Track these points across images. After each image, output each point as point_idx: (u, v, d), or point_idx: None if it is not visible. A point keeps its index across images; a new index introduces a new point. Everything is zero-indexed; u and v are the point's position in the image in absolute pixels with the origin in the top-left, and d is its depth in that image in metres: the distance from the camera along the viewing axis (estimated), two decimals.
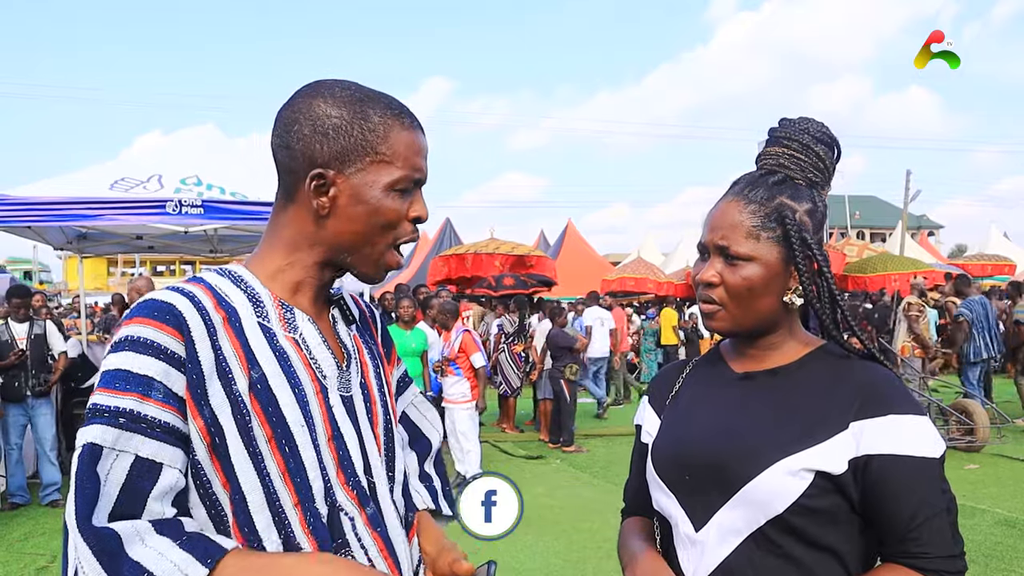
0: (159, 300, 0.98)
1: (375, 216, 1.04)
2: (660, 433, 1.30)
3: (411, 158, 1.05)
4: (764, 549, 1.13)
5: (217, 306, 1.01)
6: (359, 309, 1.25)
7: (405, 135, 1.05)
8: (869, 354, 1.22)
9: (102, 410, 0.92)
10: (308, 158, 1.02)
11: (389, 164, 1.03)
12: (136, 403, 0.92)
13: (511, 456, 8.04)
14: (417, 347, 6.95)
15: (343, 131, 1.02)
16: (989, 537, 4.94)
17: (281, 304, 1.06)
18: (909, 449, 1.09)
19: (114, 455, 0.90)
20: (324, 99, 1.03)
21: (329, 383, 1.06)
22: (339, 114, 1.02)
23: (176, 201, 5.98)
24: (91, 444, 0.90)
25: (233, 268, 1.09)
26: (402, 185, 1.04)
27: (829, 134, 1.24)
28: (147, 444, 0.91)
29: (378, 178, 1.03)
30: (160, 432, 0.92)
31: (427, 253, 18.61)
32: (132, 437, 0.91)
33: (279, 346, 1.03)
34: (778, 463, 1.11)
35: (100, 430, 0.90)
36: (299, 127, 1.03)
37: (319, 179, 1.02)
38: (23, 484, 6.21)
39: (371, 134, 1.02)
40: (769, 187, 1.20)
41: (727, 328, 1.23)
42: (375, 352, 1.20)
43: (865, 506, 1.11)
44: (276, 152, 1.06)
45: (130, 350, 0.93)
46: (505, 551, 4.84)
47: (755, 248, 1.17)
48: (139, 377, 0.92)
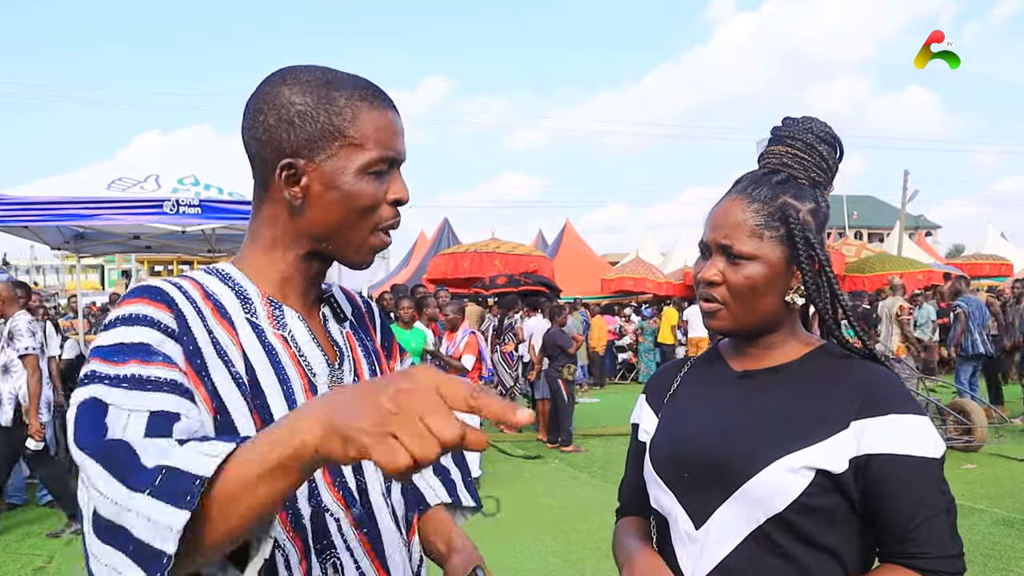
0: (146, 285, 0.97)
1: (351, 201, 1.00)
2: (658, 431, 1.30)
3: (383, 139, 1.01)
4: (764, 548, 1.13)
5: (205, 298, 0.99)
6: (354, 305, 1.22)
7: (375, 115, 1.01)
8: (870, 354, 1.22)
9: (101, 376, 0.85)
10: (276, 148, 0.99)
11: (360, 147, 0.99)
12: (138, 368, 0.86)
13: (509, 456, 8.03)
14: (417, 347, 6.95)
15: (309, 117, 0.98)
16: (987, 537, 4.94)
17: (270, 301, 1.04)
18: (909, 449, 1.08)
19: (125, 414, 0.81)
20: (288, 86, 1.00)
21: (319, 381, 1.04)
22: (303, 100, 0.99)
23: (173, 201, 5.97)
24: (94, 398, 0.82)
25: (220, 266, 1.07)
26: (375, 167, 1.01)
27: (832, 134, 1.24)
28: (158, 398, 0.84)
29: (349, 162, 0.99)
30: (169, 389, 0.86)
31: (425, 253, 18.62)
32: (142, 395, 0.83)
33: (268, 343, 1.01)
34: (779, 460, 1.11)
35: (103, 389, 0.83)
36: (264, 117, 1.00)
37: (289, 169, 0.99)
38: (21, 484, 6.20)
39: (338, 117, 0.99)
40: (773, 186, 1.20)
41: (728, 327, 1.22)
42: (371, 349, 1.18)
43: (865, 506, 1.11)
44: (246, 144, 1.04)
45: (122, 325, 0.90)
46: (503, 550, 4.84)
47: (758, 247, 1.17)
48: (136, 345, 0.88)
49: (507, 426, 3.63)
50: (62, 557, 4.98)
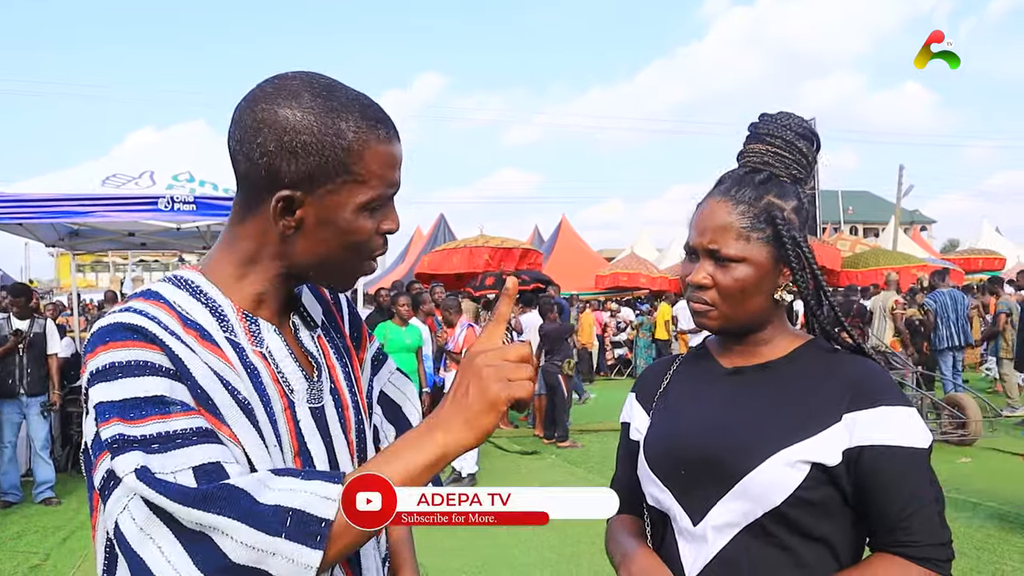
0: (123, 322, 0.90)
1: (344, 237, 0.97)
2: (652, 429, 1.30)
3: (386, 174, 0.97)
4: (760, 540, 1.14)
5: (185, 327, 0.94)
6: (321, 302, 1.18)
7: (381, 150, 0.96)
8: (857, 348, 1.23)
9: (130, 440, 0.83)
10: (272, 176, 0.93)
11: (363, 184, 0.95)
12: (160, 424, 0.84)
13: (506, 452, 8.04)
14: (412, 343, 6.95)
15: (313, 149, 0.92)
16: (980, 530, 4.97)
17: (245, 316, 1.00)
18: (899, 440, 1.10)
19: (171, 476, 0.82)
20: (291, 107, 0.92)
21: (297, 397, 1.02)
22: (308, 129, 0.92)
23: (168, 197, 5.96)
24: (142, 466, 0.81)
25: (188, 276, 1.01)
26: (375, 204, 0.97)
27: (810, 128, 1.26)
28: (194, 452, 0.84)
29: (350, 199, 0.95)
30: (198, 439, 0.85)
31: (421, 249, 18.59)
32: (177, 453, 0.83)
33: (249, 362, 0.98)
34: (775, 455, 1.12)
35: (141, 456, 0.82)
36: (263, 140, 0.93)
37: (285, 201, 0.94)
38: (16, 482, 6.20)
39: (343, 152, 0.93)
40: (756, 186, 1.20)
41: (719, 326, 1.23)
42: (342, 348, 1.15)
43: (857, 497, 1.12)
44: (236, 159, 0.97)
45: (125, 375, 0.86)
46: (499, 545, 4.85)
47: (746, 249, 1.18)
48: (151, 399, 0.85)
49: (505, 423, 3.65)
50: (58, 555, 4.97)
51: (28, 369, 6.15)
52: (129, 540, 0.82)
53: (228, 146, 0.99)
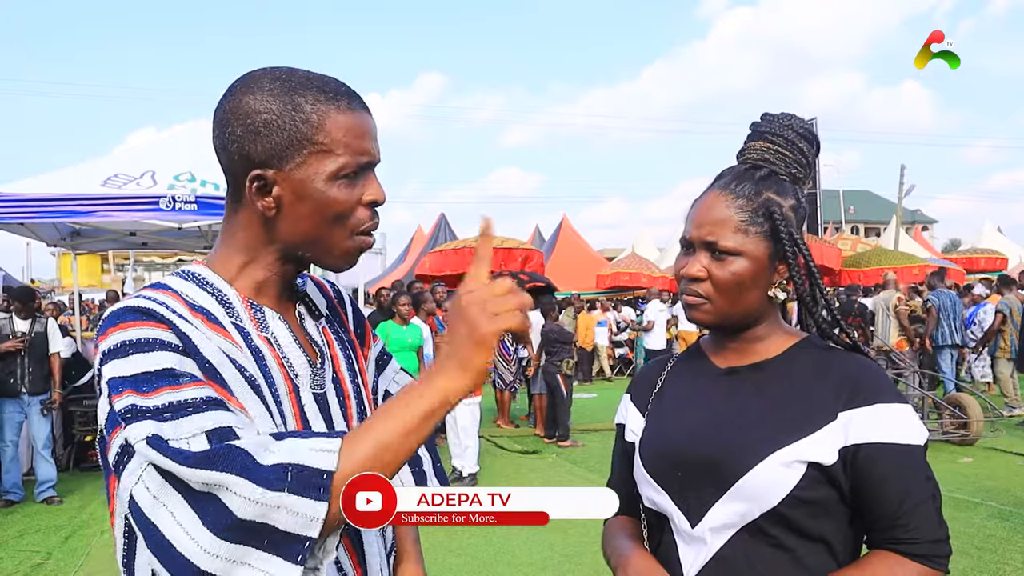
0: (133, 306, 0.94)
1: (324, 209, 0.98)
2: (647, 431, 1.30)
3: (353, 142, 0.98)
4: (758, 539, 1.14)
5: (192, 311, 0.98)
6: (326, 297, 1.22)
7: (343, 119, 0.98)
8: (853, 345, 1.23)
9: (142, 410, 0.85)
10: (244, 159, 0.98)
11: (329, 152, 0.97)
12: (172, 395, 0.86)
13: (507, 451, 8.05)
14: (413, 342, 6.96)
15: (275, 126, 0.96)
16: (982, 530, 4.96)
17: (250, 303, 1.04)
18: (895, 437, 1.11)
19: (185, 443, 0.83)
20: (252, 94, 0.97)
21: (301, 382, 1.04)
22: (268, 108, 0.96)
23: (169, 197, 5.96)
24: (154, 435, 0.83)
25: (195, 270, 1.05)
26: (347, 172, 0.98)
27: (810, 130, 1.26)
28: (206, 418, 0.86)
29: (320, 169, 0.97)
30: (208, 406, 0.87)
31: (422, 249, 18.59)
32: (189, 420, 0.85)
33: (255, 346, 1.01)
34: (772, 456, 1.12)
35: (154, 425, 0.84)
36: (232, 128, 0.98)
37: (259, 180, 0.98)
38: (18, 481, 6.21)
39: (304, 124, 0.96)
40: (756, 181, 1.21)
41: (712, 321, 1.23)
42: (347, 341, 1.18)
43: (854, 494, 1.12)
44: (218, 155, 1.02)
45: (136, 351, 0.89)
46: (501, 544, 4.86)
47: (743, 243, 1.18)
48: (160, 372, 0.88)
49: (503, 420, 3.65)
50: (60, 554, 4.98)
51: (30, 368, 6.15)
52: (144, 509, 0.83)
53: (214, 148, 1.03)
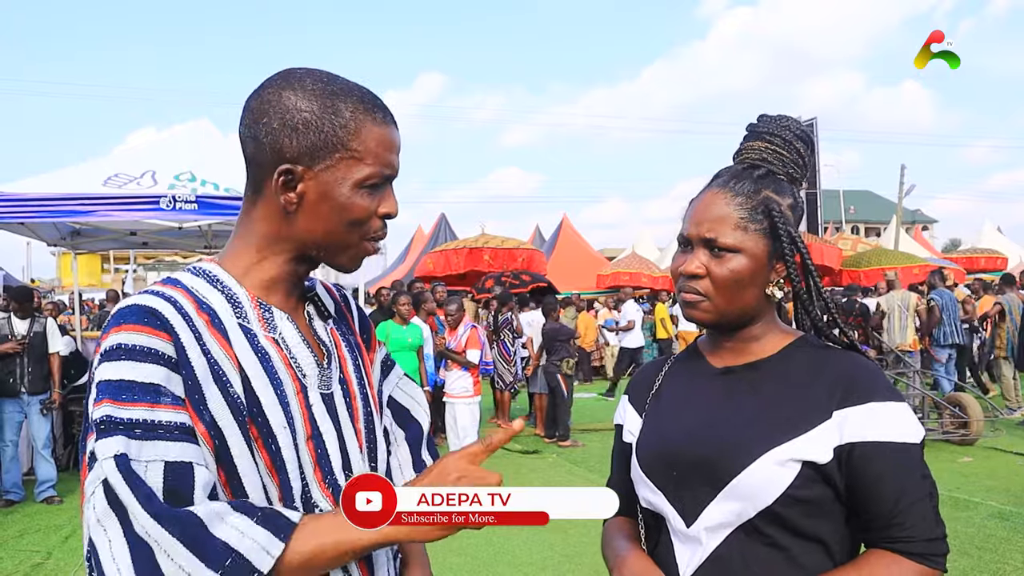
0: (142, 305, 0.95)
1: (344, 213, 1.02)
2: (644, 431, 1.30)
3: (382, 154, 1.03)
4: (753, 539, 1.14)
5: (199, 310, 0.99)
6: (334, 300, 1.23)
7: (377, 131, 1.02)
8: (850, 344, 1.24)
9: (116, 422, 0.88)
10: (276, 152, 1.00)
11: (359, 161, 1.01)
12: (147, 412, 0.89)
13: (508, 451, 8.04)
14: (413, 342, 6.96)
15: (313, 126, 0.99)
16: (982, 530, 4.96)
17: (259, 303, 1.05)
18: (891, 435, 1.10)
19: (143, 466, 0.87)
20: (294, 91, 1.00)
21: (309, 382, 1.05)
22: (309, 108, 0.99)
23: (170, 197, 5.96)
24: (121, 454, 0.87)
25: (207, 267, 1.06)
26: (372, 182, 1.02)
27: (807, 132, 1.27)
28: (171, 447, 0.89)
29: (348, 175, 1.01)
30: (179, 434, 0.90)
31: (422, 249, 18.59)
32: (155, 444, 0.88)
33: (260, 347, 1.02)
34: (766, 454, 1.12)
35: (122, 442, 0.87)
36: (268, 120, 1.00)
37: (287, 175, 1.00)
38: (18, 481, 6.22)
39: (342, 130, 1.00)
40: (754, 180, 1.21)
41: (710, 319, 1.23)
42: (353, 343, 1.19)
43: (850, 493, 1.12)
44: (244, 143, 1.04)
45: (128, 359, 0.91)
46: (502, 544, 4.86)
47: (742, 240, 1.18)
48: (145, 386, 0.90)
49: (503, 420, 3.68)
50: (60, 554, 4.98)
51: (29, 368, 6.16)
52: (89, 525, 0.87)
53: (239, 133, 1.05)
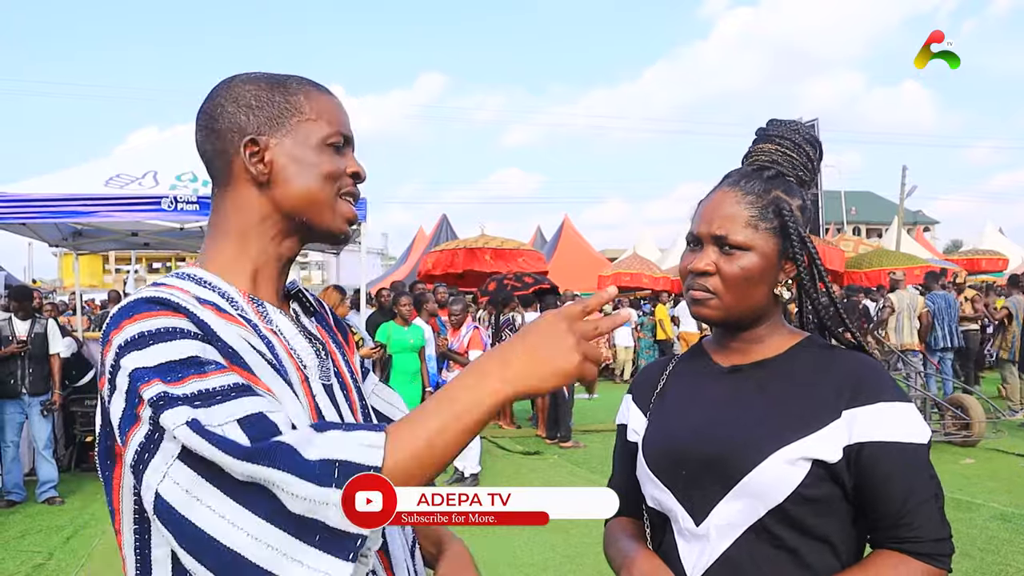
0: (146, 297, 0.93)
1: (315, 169, 1.05)
2: (650, 430, 1.30)
3: (336, 116, 1.08)
4: (763, 539, 1.14)
5: (199, 302, 0.98)
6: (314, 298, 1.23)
7: (325, 97, 1.08)
8: (857, 344, 1.24)
9: (174, 396, 0.83)
10: (237, 130, 1.04)
11: (316, 121, 1.05)
12: (199, 383, 0.85)
13: (509, 452, 8.04)
14: (415, 343, 6.94)
15: (265, 100, 1.05)
16: (984, 531, 4.96)
17: (251, 299, 1.05)
18: (899, 436, 1.11)
19: (220, 428, 0.82)
20: (241, 82, 1.06)
21: (310, 372, 1.05)
22: (259, 89, 1.05)
23: (171, 197, 5.97)
24: (193, 419, 0.81)
25: (190, 271, 1.05)
26: (333, 140, 1.06)
27: (815, 136, 1.29)
28: (238, 405, 0.84)
29: (310, 136, 1.05)
30: (238, 393, 0.86)
31: (424, 249, 18.60)
32: (221, 407, 0.83)
33: (264, 336, 1.01)
34: (776, 453, 1.12)
35: (186, 411, 0.82)
36: (221, 110, 1.05)
37: (253, 145, 1.03)
38: (19, 481, 6.22)
39: (292, 98, 1.06)
40: (764, 180, 1.23)
41: (718, 317, 1.23)
42: (337, 340, 1.20)
43: (857, 493, 1.13)
44: (203, 146, 1.07)
45: (156, 342, 0.87)
46: (503, 545, 4.85)
47: (753, 238, 1.19)
48: (185, 361, 0.86)
49: (506, 421, 3.68)
50: (61, 554, 4.98)
51: (30, 369, 6.16)
52: (176, 506, 0.81)
53: (197, 147, 1.09)
